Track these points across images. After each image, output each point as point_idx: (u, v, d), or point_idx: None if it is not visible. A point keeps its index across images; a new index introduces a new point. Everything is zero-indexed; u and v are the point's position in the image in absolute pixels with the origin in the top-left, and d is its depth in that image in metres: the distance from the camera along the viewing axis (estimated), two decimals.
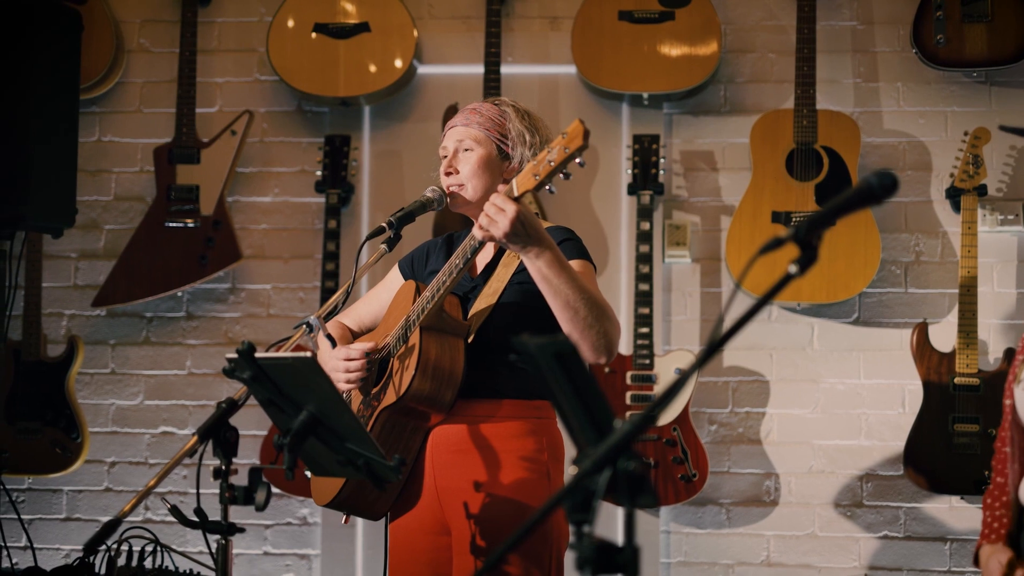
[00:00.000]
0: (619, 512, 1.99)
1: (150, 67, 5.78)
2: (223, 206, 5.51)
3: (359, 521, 5.37)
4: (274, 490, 5.42)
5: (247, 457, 5.37)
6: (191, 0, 5.61)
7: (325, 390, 2.73)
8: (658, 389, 5.10)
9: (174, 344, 5.66)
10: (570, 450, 2.39)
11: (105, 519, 5.47)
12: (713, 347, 2.01)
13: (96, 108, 5.76)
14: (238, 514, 5.27)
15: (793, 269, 2.04)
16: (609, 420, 2.00)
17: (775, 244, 2.07)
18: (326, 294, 5.44)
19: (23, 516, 5.43)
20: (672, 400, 1.98)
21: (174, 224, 5.51)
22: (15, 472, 5.46)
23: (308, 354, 2.69)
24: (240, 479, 2.76)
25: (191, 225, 5.50)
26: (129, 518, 5.27)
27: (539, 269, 2.90)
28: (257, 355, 2.72)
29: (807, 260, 2.05)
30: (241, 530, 2.82)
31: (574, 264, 3.09)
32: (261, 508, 2.74)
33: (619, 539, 1.91)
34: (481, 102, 3.27)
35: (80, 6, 5.33)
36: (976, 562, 2.99)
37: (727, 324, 1.97)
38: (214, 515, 2.78)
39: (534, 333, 2.09)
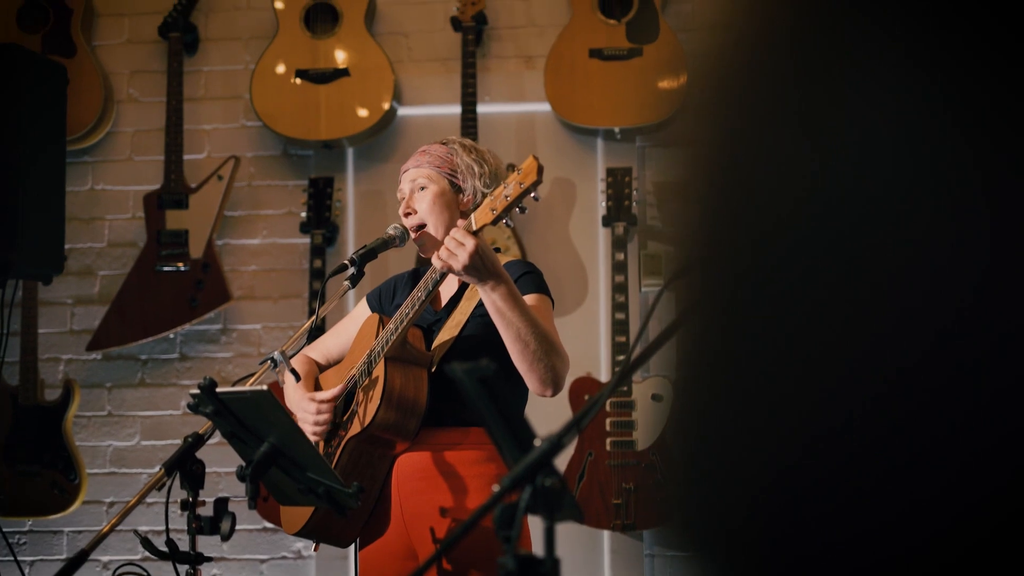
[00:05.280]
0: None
1: (140, 116, 5.94)
2: (212, 249, 5.65)
3: (352, 553, 5.49)
4: (267, 525, 5.55)
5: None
6: (177, 50, 5.78)
7: (284, 422, 2.86)
8: (636, 415, 5.22)
9: (169, 385, 5.80)
10: None
11: (106, 559, 5.61)
12: (624, 374, 2.14)
13: (88, 158, 5.92)
14: (234, 548, 5.45)
15: None
16: (531, 440, 2.13)
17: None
18: (315, 332, 5.56)
19: (26, 558, 5.56)
20: (584, 423, 2.11)
21: (165, 268, 5.65)
22: (15, 514, 5.60)
23: (264, 387, 2.82)
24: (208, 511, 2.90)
25: (181, 268, 5.64)
26: (127, 556, 5.45)
27: (494, 302, 3.03)
28: (218, 390, 2.86)
29: None
30: (208, 559, 2.95)
31: (531, 298, 3.22)
32: (226, 538, 2.87)
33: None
34: (430, 144, 3.41)
35: (68, 60, 5.51)
36: None
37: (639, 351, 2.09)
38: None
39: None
